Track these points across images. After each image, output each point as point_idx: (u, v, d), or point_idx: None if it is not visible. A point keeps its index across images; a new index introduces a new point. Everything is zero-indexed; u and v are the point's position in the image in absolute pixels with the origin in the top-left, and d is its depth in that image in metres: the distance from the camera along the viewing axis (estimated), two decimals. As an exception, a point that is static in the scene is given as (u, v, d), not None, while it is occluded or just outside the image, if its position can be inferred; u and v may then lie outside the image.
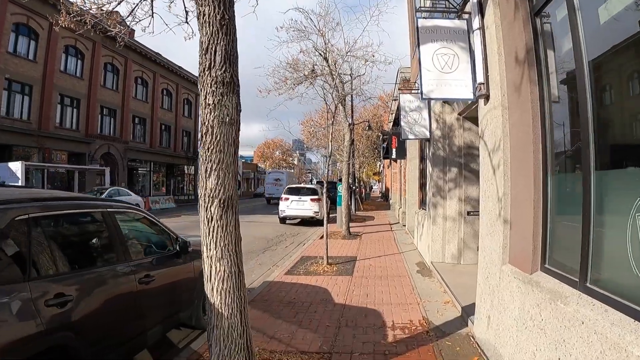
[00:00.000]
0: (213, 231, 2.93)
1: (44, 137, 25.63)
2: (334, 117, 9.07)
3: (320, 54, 12.21)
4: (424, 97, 4.76)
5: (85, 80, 29.74)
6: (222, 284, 2.95)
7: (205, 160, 2.92)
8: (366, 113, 31.62)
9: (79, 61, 29.64)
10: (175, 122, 42.82)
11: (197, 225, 3.41)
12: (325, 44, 11.97)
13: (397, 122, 18.36)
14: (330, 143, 8.82)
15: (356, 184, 27.29)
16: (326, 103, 8.75)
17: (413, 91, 8.64)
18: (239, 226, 3.16)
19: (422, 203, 10.52)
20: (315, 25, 11.48)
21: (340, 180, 14.60)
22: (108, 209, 3.68)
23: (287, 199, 17.29)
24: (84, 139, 29.37)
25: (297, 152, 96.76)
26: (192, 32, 4.65)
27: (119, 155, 33.63)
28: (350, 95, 16.94)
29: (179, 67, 43.18)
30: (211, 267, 2.95)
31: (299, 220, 17.99)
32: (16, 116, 24.06)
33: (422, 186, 10.70)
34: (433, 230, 8.06)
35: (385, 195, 39.57)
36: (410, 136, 8.21)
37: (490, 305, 4.00)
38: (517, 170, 3.60)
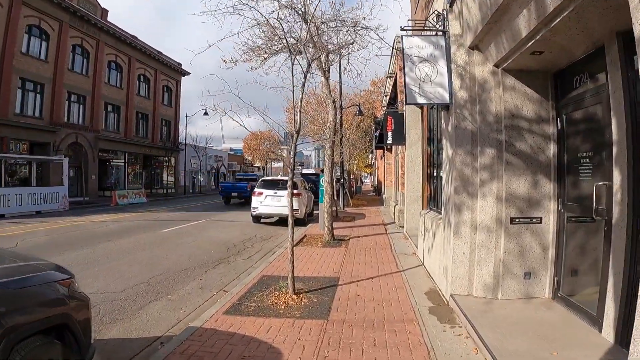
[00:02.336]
0: None
1: (1, 125, 22.78)
2: (305, 77, 6.14)
3: (298, 13, 9.33)
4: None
5: (50, 63, 26.90)
6: None
7: None
8: (357, 99, 28.67)
9: (44, 42, 26.78)
10: (154, 111, 39.70)
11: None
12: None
13: (392, 101, 15.46)
14: (299, 113, 5.91)
15: (345, 177, 24.41)
16: (291, 52, 5.78)
17: (424, 32, 5.71)
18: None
19: (432, 201, 7.63)
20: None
21: (323, 171, 11.64)
22: None
23: (261, 193, 14.34)
24: (48, 128, 26.49)
25: (288, 144, 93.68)
26: None
27: (88, 145, 30.58)
28: (337, 68, 13.98)
29: (158, 51, 39.89)
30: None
31: (276, 219, 15.07)
32: (-33, 102, 21.24)
33: (431, 178, 7.81)
34: (455, 245, 5.19)
35: (378, 189, 36.72)
36: (421, 100, 5.30)
37: None
38: None
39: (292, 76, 5.75)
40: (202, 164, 49.77)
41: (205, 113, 41.63)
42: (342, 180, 21.12)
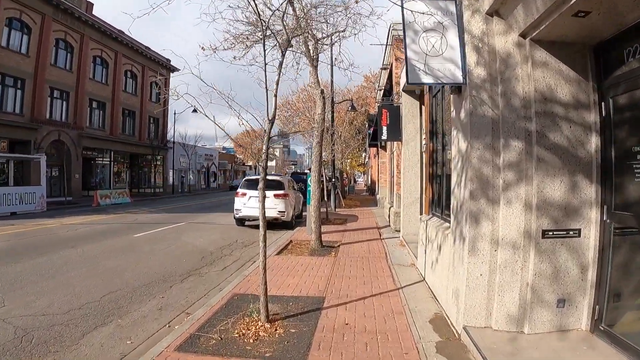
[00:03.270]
0: None
1: (-23, 122, 21.58)
2: (284, 54, 4.97)
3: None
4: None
5: (31, 57, 25.60)
6: None
7: None
8: (350, 95, 27.53)
9: (25, 36, 25.48)
10: (141, 108, 38.35)
11: None
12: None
13: (388, 92, 14.34)
14: (274, 98, 4.76)
15: (337, 176, 23.31)
16: (262, 23, 4.64)
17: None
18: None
19: (435, 206, 6.50)
20: None
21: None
22: None
23: (244, 194, 13.14)
24: (29, 125, 25.19)
25: (282, 143, 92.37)
26: None
27: (72, 143, 29.29)
28: (328, 59, 12.83)
29: (146, 47, 38.49)
30: None
31: (261, 221, 13.90)
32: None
33: (434, 179, 6.68)
34: (470, 264, 4.06)
35: (371, 189, 35.61)
36: (426, 79, 4.16)
37: None
38: None
39: (264, 51, 4.58)
40: (192, 162, 48.45)
41: (194, 110, 40.67)
42: (333, 179, 19.98)
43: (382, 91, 16.33)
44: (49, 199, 26.08)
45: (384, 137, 10.34)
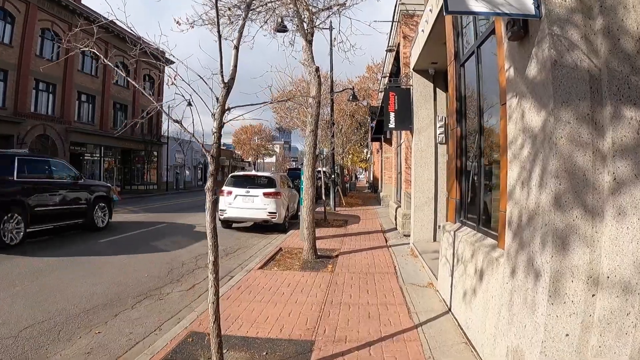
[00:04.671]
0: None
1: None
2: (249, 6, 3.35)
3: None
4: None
5: (15, 47, 23.99)
6: None
7: None
8: (351, 86, 25.78)
9: (8, 25, 23.86)
10: (134, 101, 36.65)
11: None
12: None
13: (395, 73, 12.65)
14: (234, 49, 3.14)
15: (337, 172, 21.64)
16: None
17: None
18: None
19: (465, 211, 4.82)
20: None
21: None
22: None
23: (230, 193, 11.48)
24: (12, 118, 23.54)
25: (282, 139, 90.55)
26: None
27: (58, 138, 27.71)
28: (326, 40, 11.13)
29: (138, 37, 36.63)
30: None
31: (251, 223, 12.24)
32: None
33: (462, 175, 4.97)
34: (550, 317, 2.41)
35: (374, 186, 33.92)
36: (476, 6, 2.51)
37: None
38: None
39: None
40: (188, 158, 46.78)
41: (189, 104, 39.05)
42: (333, 176, 18.32)
43: (387, 78, 14.65)
44: (33, 196, 24.74)
45: (392, 125, 8.67)
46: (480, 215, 4.17)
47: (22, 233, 8.69)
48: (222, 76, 3.11)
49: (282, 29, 10.28)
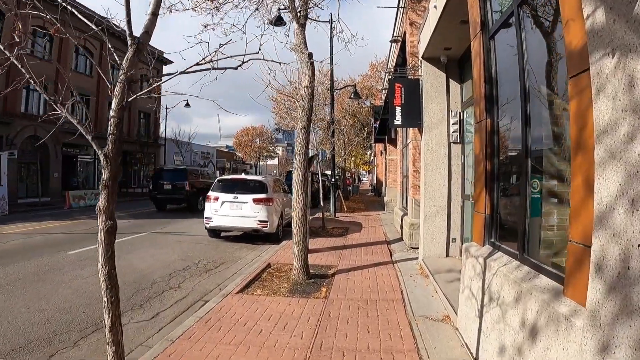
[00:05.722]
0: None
1: None
2: None
3: None
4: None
5: (3, 45, 22.73)
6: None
7: None
8: (353, 83, 24.57)
9: None
10: (130, 102, 35.51)
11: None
12: None
13: (400, 65, 11.40)
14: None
15: (338, 175, 20.40)
16: None
17: None
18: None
19: (497, 229, 3.59)
20: None
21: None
22: None
23: (217, 199, 10.29)
24: (1, 119, 22.84)
25: (285, 141, 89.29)
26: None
27: (50, 139, 26.63)
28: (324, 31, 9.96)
29: (136, 37, 35.61)
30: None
31: (241, 232, 11.02)
32: None
33: (493, 180, 3.73)
34: None
35: (377, 190, 32.63)
36: None
37: None
38: None
39: None
40: (187, 160, 45.68)
41: (187, 105, 38.01)
42: (334, 179, 17.10)
43: (391, 73, 13.43)
44: (22, 199, 23.60)
45: (398, 121, 7.45)
46: (527, 240, 2.96)
47: None
48: (129, 27, 1.95)
49: (278, 21, 9.19)
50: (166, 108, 38.56)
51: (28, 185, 25.76)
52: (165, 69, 41.61)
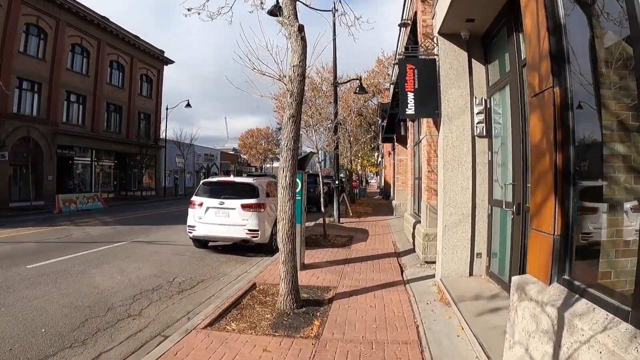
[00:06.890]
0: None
1: None
2: None
3: None
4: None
5: None
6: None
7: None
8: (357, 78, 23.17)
9: None
10: (129, 102, 34.58)
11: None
12: None
13: (412, 45, 9.98)
14: None
15: (343, 176, 19.03)
16: None
17: None
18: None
19: (570, 261, 2.26)
20: None
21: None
22: None
23: (201, 204, 9.00)
24: None
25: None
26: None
27: (44, 140, 25.73)
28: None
29: (135, 36, 34.61)
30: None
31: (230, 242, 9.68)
32: None
33: (566, 181, 2.40)
34: None
35: (385, 192, 31.17)
36: None
37: None
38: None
39: None
40: (189, 163, 44.54)
41: (188, 105, 36.88)
42: (337, 181, 15.75)
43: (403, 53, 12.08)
44: (14, 203, 22.59)
45: (410, 110, 6.08)
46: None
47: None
48: None
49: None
50: (167, 108, 37.50)
51: (21, 189, 24.74)
52: (166, 69, 40.65)
